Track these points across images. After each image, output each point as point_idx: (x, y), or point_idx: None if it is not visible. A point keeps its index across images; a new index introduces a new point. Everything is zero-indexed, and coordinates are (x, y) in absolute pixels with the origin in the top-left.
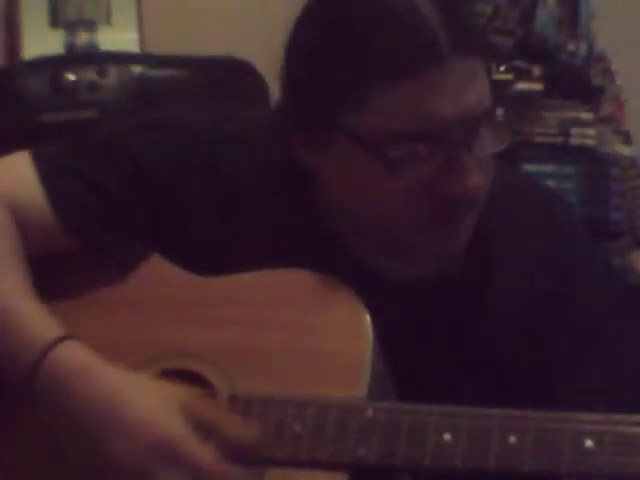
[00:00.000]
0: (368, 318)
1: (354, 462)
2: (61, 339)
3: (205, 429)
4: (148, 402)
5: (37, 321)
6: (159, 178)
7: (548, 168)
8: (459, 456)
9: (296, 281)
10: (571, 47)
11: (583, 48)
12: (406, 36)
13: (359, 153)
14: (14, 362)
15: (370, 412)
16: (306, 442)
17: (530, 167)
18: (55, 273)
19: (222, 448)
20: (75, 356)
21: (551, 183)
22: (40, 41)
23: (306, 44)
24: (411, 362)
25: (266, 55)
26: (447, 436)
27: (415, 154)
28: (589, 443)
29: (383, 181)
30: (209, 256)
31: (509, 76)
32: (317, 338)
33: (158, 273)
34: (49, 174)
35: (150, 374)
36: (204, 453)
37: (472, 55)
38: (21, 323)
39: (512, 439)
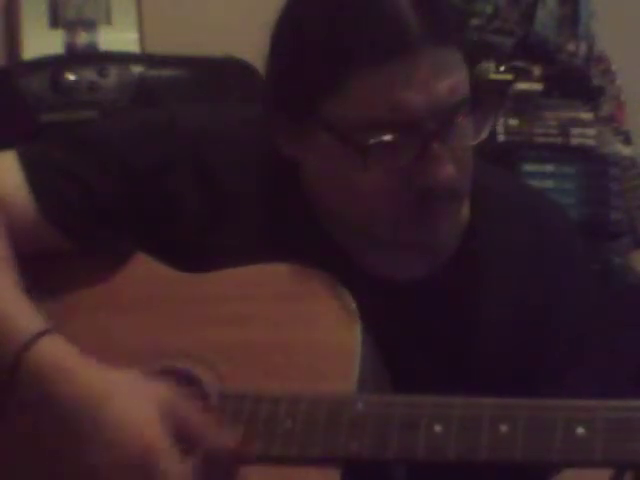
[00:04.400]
0: (355, 310)
1: (346, 456)
2: (42, 333)
3: (186, 435)
4: (128, 409)
5: (19, 314)
6: (145, 176)
7: (548, 168)
8: (451, 447)
9: (281, 275)
10: (571, 47)
11: (583, 48)
12: (376, 24)
13: (334, 143)
14: None
15: (360, 405)
16: (298, 438)
17: (530, 167)
18: (41, 275)
19: (204, 455)
20: (55, 352)
21: (551, 183)
22: (40, 41)
23: (284, 35)
24: (403, 362)
25: (266, 55)
26: (438, 427)
27: (387, 144)
28: (580, 430)
29: (358, 171)
30: (196, 253)
31: (509, 76)
32: (304, 331)
33: (143, 271)
34: (34, 171)
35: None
36: (182, 472)
37: (446, 44)
38: (3, 315)
39: (503, 428)
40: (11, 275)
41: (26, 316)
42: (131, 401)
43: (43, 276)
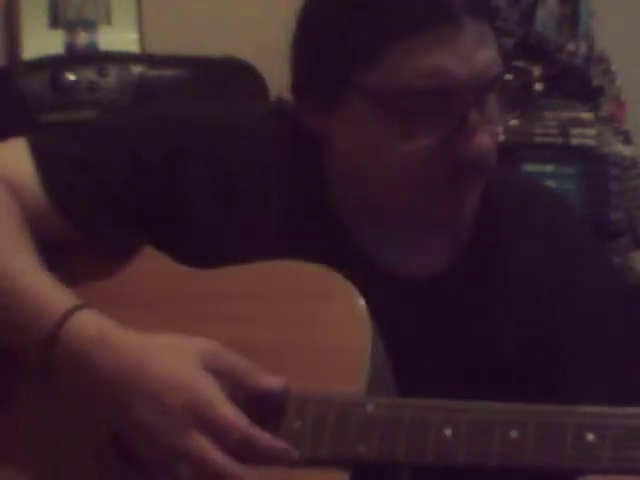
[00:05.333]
0: (366, 310)
1: (355, 458)
2: (77, 307)
3: (231, 381)
4: (175, 365)
5: (51, 292)
6: (158, 169)
7: (548, 168)
8: (460, 451)
9: (292, 273)
10: (571, 47)
11: (583, 48)
12: None
13: (372, 110)
14: (28, 336)
15: (370, 407)
16: (306, 439)
17: (530, 167)
18: (49, 268)
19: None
20: (94, 323)
21: (551, 183)
22: (40, 41)
23: (320, 4)
24: (418, 361)
25: (266, 55)
26: (448, 431)
27: (427, 110)
28: (591, 437)
29: (395, 138)
30: (208, 248)
31: (509, 76)
32: (315, 332)
33: (151, 266)
34: (44, 160)
35: None
36: (236, 416)
37: (483, 19)
38: (34, 296)
39: (514, 434)
40: (35, 256)
41: (59, 292)
42: (177, 361)
43: (52, 269)
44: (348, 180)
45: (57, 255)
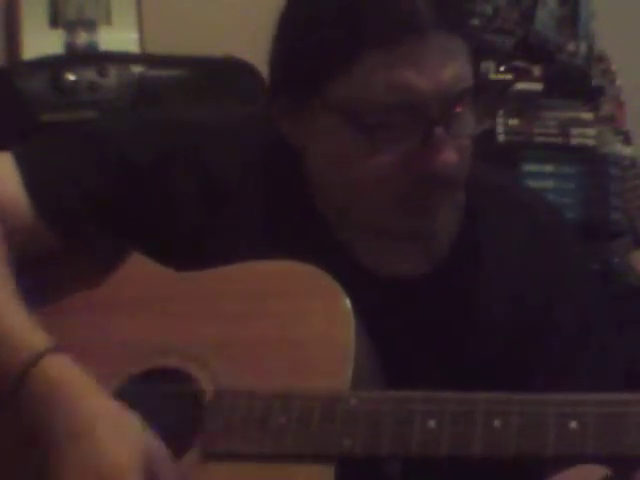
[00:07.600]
0: (349, 306)
1: (340, 453)
2: (45, 352)
3: None
4: (113, 448)
5: (22, 333)
6: (144, 173)
7: (548, 168)
8: (444, 442)
9: (276, 272)
10: (571, 47)
11: (583, 48)
12: (387, 6)
13: (339, 124)
14: (2, 374)
15: (354, 401)
16: (291, 435)
17: (530, 167)
18: (39, 275)
19: None
20: (56, 374)
21: (551, 183)
22: (40, 41)
23: (291, 16)
24: (402, 359)
25: (266, 55)
26: (431, 423)
27: (392, 125)
28: (573, 425)
29: (361, 152)
30: (194, 251)
31: (509, 76)
32: (299, 328)
33: (139, 271)
34: (31, 173)
35: (136, 374)
36: None
37: (453, 32)
38: (7, 335)
39: (497, 423)
40: (10, 289)
41: (28, 335)
42: (112, 437)
43: (41, 276)
44: (321, 184)
45: (48, 264)
